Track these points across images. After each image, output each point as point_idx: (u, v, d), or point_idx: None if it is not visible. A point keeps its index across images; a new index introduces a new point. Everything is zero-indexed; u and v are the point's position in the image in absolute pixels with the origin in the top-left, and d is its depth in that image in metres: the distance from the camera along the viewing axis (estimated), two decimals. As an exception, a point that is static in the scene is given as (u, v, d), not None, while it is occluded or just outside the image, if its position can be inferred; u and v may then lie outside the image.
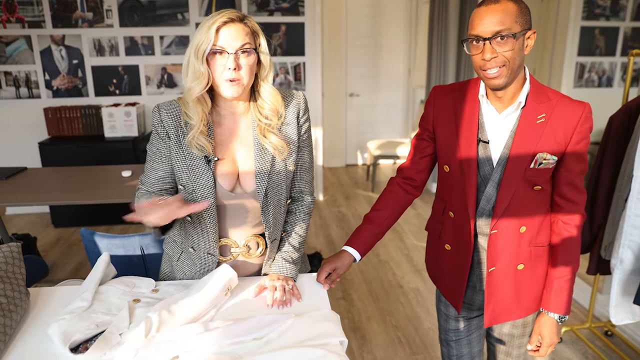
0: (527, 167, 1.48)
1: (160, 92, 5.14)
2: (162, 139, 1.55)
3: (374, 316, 3.26)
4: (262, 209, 1.58)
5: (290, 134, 1.61)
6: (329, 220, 5.04)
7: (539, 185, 1.52)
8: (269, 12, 5.07)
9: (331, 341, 1.32)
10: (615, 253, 2.36)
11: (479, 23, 1.38)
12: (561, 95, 1.50)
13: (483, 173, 1.54)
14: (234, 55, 1.43)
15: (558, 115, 1.46)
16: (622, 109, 2.50)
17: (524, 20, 1.38)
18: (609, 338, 3.02)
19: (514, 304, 1.64)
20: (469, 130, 1.55)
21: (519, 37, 1.37)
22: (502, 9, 1.35)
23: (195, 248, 1.62)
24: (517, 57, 1.39)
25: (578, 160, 1.50)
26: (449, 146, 1.60)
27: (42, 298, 1.57)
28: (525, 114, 1.48)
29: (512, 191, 1.50)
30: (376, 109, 7.12)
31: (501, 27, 1.35)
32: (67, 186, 3.19)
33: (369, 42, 6.83)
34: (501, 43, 1.37)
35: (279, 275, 1.62)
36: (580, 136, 1.47)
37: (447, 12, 5.27)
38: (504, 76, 1.41)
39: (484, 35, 1.37)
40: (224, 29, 1.42)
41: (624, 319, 2.43)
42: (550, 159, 1.47)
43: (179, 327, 1.32)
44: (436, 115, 1.64)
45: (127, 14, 4.90)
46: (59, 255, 4.21)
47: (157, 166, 1.58)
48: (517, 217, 1.55)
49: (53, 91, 4.99)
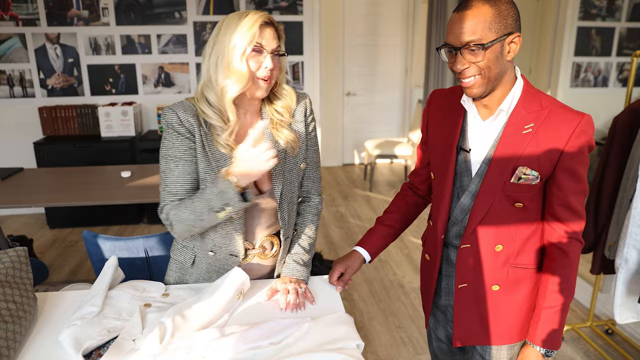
0: (507, 181, 1.36)
1: (157, 92, 5.10)
2: (187, 139, 1.46)
3: (376, 317, 3.25)
4: (279, 207, 1.57)
5: (299, 129, 1.61)
6: (327, 220, 5.03)
7: (520, 203, 1.39)
8: (268, 10, 5.04)
9: (348, 345, 1.31)
10: (620, 253, 2.37)
11: (450, 31, 1.30)
12: (557, 104, 1.35)
13: (460, 183, 1.46)
14: (271, 55, 1.44)
15: (548, 126, 1.32)
16: (627, 110, 2.50)
17: (501, 25, 1.26)
18: (610, 336, 3.03)
19: (486, 327, 1.51)
20: (450, 137, 1.46)
21: (491, 46, 1.26)
22: (474, 16, 1.25)
23: (215, 251, 1.59)
24: (494, 66, 1.29)
25: (572, 178, 1.35)
26: (434, 153, 1.54)
27: (50, 303, 1.54)
28: (511, 123, 1.36)
29: (487, 205, 1.39)
30: (373, 108, 7.11)
31: (471, 38, 1.26)
32: (66, 187, 3.15)
33: (366, 41, 6.81)
34: (472, 53, 1.28)
35: (291, 278, 1.60)
36: (572, 151, 1.32)
37: (445, 10, 5.26)
38: (480, 85, 1.32)
39: (454, 45, 1.29)
40: (264, 29, 1.43)
41: (628, 317, 2.44)
42: (531, 175, 1.34)
43: (194, 333, 1.30)
44: (429, 120, 1.58)
45: (123, 12, 4.86)
46: (56, 256, 4.17)
47: (190, 168, 1.48)
48: (493, 234, 1.42)
49: (48, 90, 4.93)
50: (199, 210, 1.41)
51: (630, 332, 2.99)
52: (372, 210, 5.32)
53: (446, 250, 1.53)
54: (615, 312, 2.41)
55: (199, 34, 5.00)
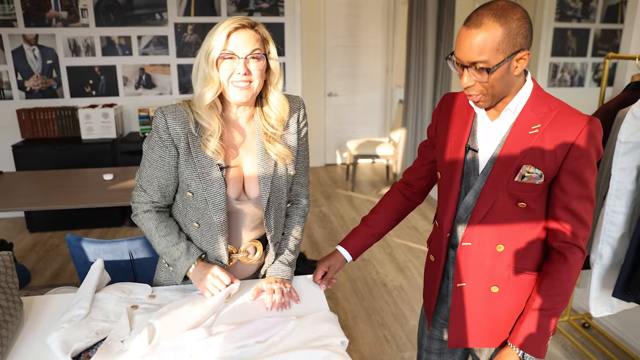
0: (511, 180, 1.36)
1: (138, 93, 5.08)
2: (167, 147, 1.51)
3: (360, 315, 3.29)
4: (265, 214, 1.59)
5: (292, 142, 1.62)
6: (311, 220, 5.06)
7: (523, 202, 1.38)
8: (249, 12, 5.06)
9: (333, 342, 1.34)
10: (594, 248, 2.43)
11: (459, 46, 1.28)
12: (565, 107, 1.36)
13: (467, 182, 1.46)
14: (244, 60, 1.44)
15: (555, 127, 1.33)
16: (600, 110, 2.57)
17: (510, 45, 1.24)
18: (587, 330, 3.11)
19: (484, 329, 1.50)
20: (459, 136, 1.47)
21: (496, 69, 1.26)
22: (484, 36, 1.23)
23: (202, 256, 1.62)
24: (498, 85, 1.29)
25: (576, 181, 1.33)
26: (441, 152, 1.54)
27: (36, 307, 1.55)
28: (518, 123, 1.36)
29: (490, 202, 1.39)
30: (355, 108, 7.16)
31: (478, 58, 1.25)
32: (46, 190, 3.13)
33: (347, 42, 6.85)
34: (478, 73, 1.27)
35: (276, 278, 1.63)
36: (578, 154, 1.30)
37: (425, 12, 5.32)
38: (485, 102, 1.33)
39: (462, 62, 1.29)
40: (235, 35, 1.43)
41: (603, 311, 2.50)
42: (534, 173, 1.34)
43: (182, 333, 1.32)
44: (439, 121, 1.59)
45: (103, 14, 4.83)
46: (37, 260, 4.13)
47: (160, 174, 1.54)
48: (495, 233, 1.42)
49: (26, 92, 4.89)
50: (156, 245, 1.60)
51: (606, 325, 3.07)
52: (355, 210, 5.36)
53: (452, 252, 1.52)
54: (590, 306, 2.47)
55: (180, 35, 4.99)
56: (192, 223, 1.58)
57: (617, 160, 2.25)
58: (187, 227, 1.61)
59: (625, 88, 2.57)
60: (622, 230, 2.35)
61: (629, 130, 2.21)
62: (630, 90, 2.51)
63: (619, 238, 2.36)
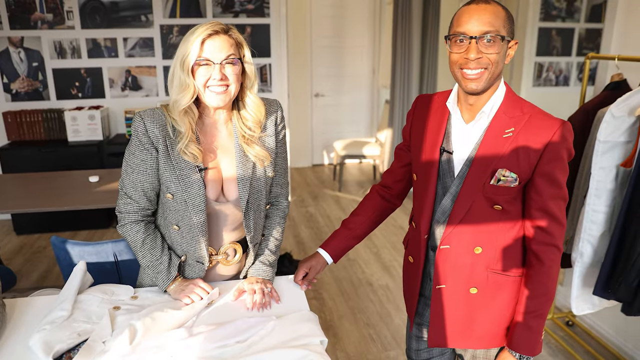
0: (486, 183, 1.39)
1: (124, 95, 5.08)
2: (147, 150, 1.53)
3: (346, 315, 3.32)
4: (244, 216, 1.61)
5: (270, 144, 1.64)
6: (297, 220, 5.07)
7: (499, 205, 1.41)
8: (234, 13, 5.06)
9: (312, 341, 1.36)
10: (575, 247, 2.46)
11: (467, 20, 1.32)
12: (537, 111, 1.39)
13: (443, 184, 1.48)
14: (219, 66, 1.46)
15: (528, 131, 1.36)
16: (580, 110, 2.61)
17: (510, 28, 1.33)
18: (570, 328, 3.15)
19: (464, 330, 1.53)
20: (434, 138, 1.49)
21: (506, 40, 1.33)
22: (493, 11, 1.31)
23: (183, 256, 1.63)
24: (500, 63, 1.34)
25: (550, 183, 1.37)
26: (416, 154, 1.55)
27: (19, 309, 1.55)
28: (493, 127, 1.39)
29: (467, 205, 1.42)
30: (341, 109, 7.18)
31: (490, 28, 1.30)
32: (33, 193, 3.13)
33: (333, 43, 6.87)
34: (488, 45, 1.31)
35: (257, 278, 1.65)
36: (551, 156, 1.35)
37: (410, 12, 5.35)
38: (484, 80, 1.35)
39: (471, 34, 1.31)
40: (209, 41, 1.45)
41: (584, 309, 2.54)
42: (510, 177, 1.37)
43: (163, 334, 1.34)
44: (413, 123, 1.60)
45: (89, 16, 4.82)
46: (23, 263, 4.12)
47: (142, 178, 1.55)
48: (472, 236, 1.45)
49: (12, 95, 4.86)
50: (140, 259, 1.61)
51: (589, 323, 3.11)
52: (342, 210, 5.38)
53: (432, 254, 1.53)
54: (572, 304, 2.51)
55: (166, 37, 4.99)
56: (172, 226, 1.60)
57: (597, 159, 2.28)
58: (168, 230, 1.63)
59: (605, 88, 2.61)
60: (603, 229, 2.38)
61: (608, 130, 2.24)
62: (609, 90, 2.55)
63: (600, 237, 2.39)
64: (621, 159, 2.28)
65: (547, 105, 4.45)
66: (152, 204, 1.62)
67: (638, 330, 2.76)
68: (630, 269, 2.20)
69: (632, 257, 2.19)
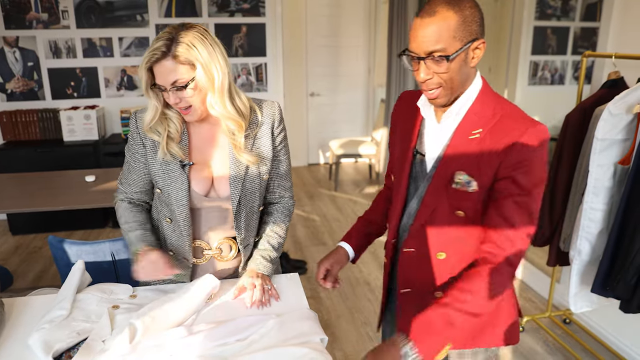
0: (449, 186, 1.30)
1: (120, 95, 5.06)
2: (138, 145, 1.59)
3: (343, 314, 3.31)
4: (235, 216, 1.60)
5: (264, 146, 1.61)
6: (294, 220, 5.06)
7: (461, 211, 1.31)
8: (230, 13, 5.05)
9: (312, 339, 1.36)
10: (573, 245, 2.46)
11: (413, 38, 1.22)
12: (511, 111, 1.28)
13: (416, 186, 1.41)
14: (170, 93, 1.43)
15: (495, 132, 1.25)
16: (577, 108, 2.62)
17: (466, 32, 1.19)
18: (568, 325, 3.16)
19: None
20: (408, 139, 1.42)
21: (455, 57, 1.20)
22: (438, 24, 1.17)
23: (174, 252, 1.64)
24: (457, 76, 1.23)
25: (512, 189, 1.24)
26: (393, 155, 1.50)
27: (17, 308, 1.55)
28: (461, 127, 1.30)
29: (430, 209, 1.34)
30: (337, 108, 7.18)
31: (435, 47, 1.18)
32: (29, 193, 3.11)
33: (329, 42, 6.87)
34: (436, 63, 1.21)
35: (258, 272, 1.62)
36: (515, 160, 1.22)
37: (405, 11, 5.35)
38: (443, 96, 1.26)
39: (417, 54, 1.22)
40: (156, 66, 1.41)
41: (582, 307, 2.54)
42: (464, 179, 1.27)
43: (162, 332, 1.33)
44: (394, 122, 1.54)
45: (84, 15, 4.80)
46: (20, 263, 4.10)
47: (135, 171, 1.63)
48: (435, 241, 1.37)
49: (7, 95, 4.84)
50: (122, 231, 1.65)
51: (586, 320, 3.12)
52: (338, 209, 5.38)
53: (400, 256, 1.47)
54: (570, 301, 2.51)
55: (162, 36, 4.97)
56: (165, 219, 1.63)
57: (595, 157, 2.29)
58: (161, 223, 1.66)
59: (602, 86, 2.62)
60: (600, 227, 2.39)
61: (606, 128, 2.25)
62: (607, 88, 2.56)
63: (597, 234, 2.40)
64: (619, 156, 2.29)
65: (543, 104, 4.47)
66: (143, 195, 1.69)
67: (636, 327, 2.77)
68: (629, 266, 2.20)
69: (630, 254, 2.19)
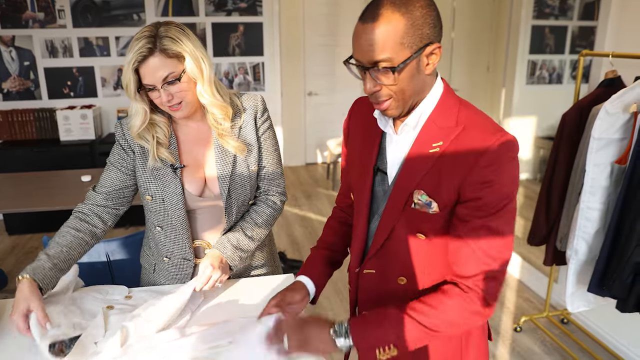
0: (408, 206, 1.15)
1: (117, 94, 5.05)
2: (126, 152, 1.57)
3: (340, 315, 3.31)
4: (226, 212, 1.60)
5: (248, 136, 1.61)
6: (291, 219, 5.06)
7: (422, 234, 1.16)
8: (227, 12, 5.04)
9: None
10: (570, 244, 2.46)
11: (355, 45, 1.06)
12: (476, 121, 1.11)
13: (377, 206, 1.26)
14: (162, 90, 1.41)
15: (457, 147, 1.09)
16: (574, 107, 2.61)
17: (416, 37, 1.02)
18: (565, 325, 3.15)
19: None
20: (367, 155, 1.26)
21: (403, 67, 1.04)
22: (383, 30, 1.01)
23: (169, 257, 1.63)
24: (408, 87, 1.07)
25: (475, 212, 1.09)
26: (352, 173, 1.35)
27: (10, 309, 1.53)
28: (420, 139, 1.14)
29: (388, 229, 1.19)
30: (335, 107, 7.16)
31: (380, 57, 1.02)
32: (25, 192, 3.10)
33: (327, 42, 6.85)
34: (382, 74, 1.05)
35: (221, 258, 1.54)
36: (482, 178, 1.06)
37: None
38: (394, 108, 1.10)
39: (362, 63, 1.06)
40: (143, 66, 1.39)
41: (579, 306, 2.54)
42: (424, 200, 1.12)
43: (154, 334, 1.32)
44: (350, 133, 1.39)
45: (80, 14, 4.79)
46: (15, 263, 4.08)
47: (115, 176, 1.58)
48: (395, 264, 1.23)
49: (3, 94, 4.83)
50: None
51: (584, 320, 3.11)
52: (336, 208, 5.36)
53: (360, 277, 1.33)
54: (567, 301, 2.51)
55: (159, 35, 4.95)
56: (155, 227, 1.62)
57: (591, 156, 2.29)
58: (152, 232, 1.64)
59: (599, 85, 2.61)
60: (597, 226, 2.38)
61: (603, 127, 2.24)
62: (604, 87, 2.55)
63: (594, 234, 2.39)
64: (616, 155, 2.28)
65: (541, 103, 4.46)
66: (109, 202, 1.59)
67: (632, 327, 2.76)
68: (625, 265, 2.20)
69: (626, 253, 2.19)
